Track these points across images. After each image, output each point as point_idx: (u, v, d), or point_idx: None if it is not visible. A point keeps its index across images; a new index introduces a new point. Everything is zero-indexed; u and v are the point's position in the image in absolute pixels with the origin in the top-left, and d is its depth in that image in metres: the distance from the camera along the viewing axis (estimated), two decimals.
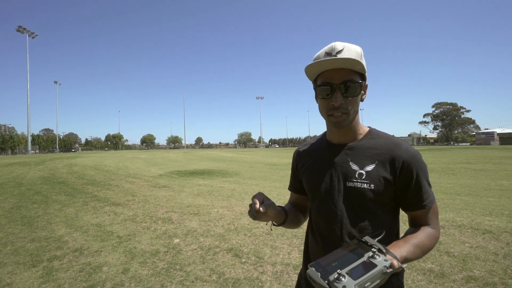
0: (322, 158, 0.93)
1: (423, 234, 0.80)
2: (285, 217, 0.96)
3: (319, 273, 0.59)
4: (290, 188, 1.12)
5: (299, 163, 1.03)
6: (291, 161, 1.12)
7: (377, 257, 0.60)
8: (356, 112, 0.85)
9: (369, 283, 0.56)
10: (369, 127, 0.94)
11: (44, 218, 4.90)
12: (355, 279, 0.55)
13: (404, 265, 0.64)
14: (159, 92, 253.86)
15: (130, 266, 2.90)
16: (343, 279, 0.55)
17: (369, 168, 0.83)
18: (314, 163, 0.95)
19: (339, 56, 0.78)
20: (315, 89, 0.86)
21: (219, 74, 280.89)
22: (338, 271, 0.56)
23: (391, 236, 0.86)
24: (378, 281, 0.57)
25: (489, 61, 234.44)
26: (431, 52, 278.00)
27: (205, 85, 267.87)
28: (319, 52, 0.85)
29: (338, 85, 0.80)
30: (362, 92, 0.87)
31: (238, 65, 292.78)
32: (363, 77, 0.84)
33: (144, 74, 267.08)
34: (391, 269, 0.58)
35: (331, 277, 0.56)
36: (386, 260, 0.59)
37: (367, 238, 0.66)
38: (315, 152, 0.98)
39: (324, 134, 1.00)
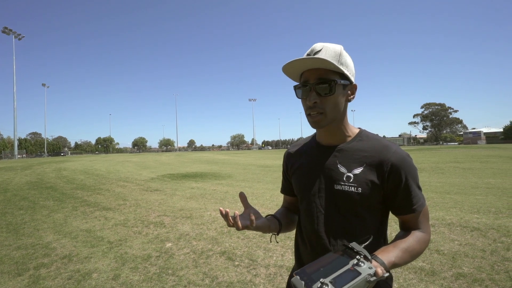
0: (311, 160, 0.93)
1: (413, 239, 0.79)
2: (279, 225, 0.94)
3: (303, 282, 0.59)
4: (282, 191, 1.11)
5: (289, 165, 1.02)
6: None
7: (362, 264, 0.60)
8: (338, 112, 0.83)
9: None
10: (359, 128, 0.93)
11: (31, 224, 4.76)
12: None
13: (386, 274, 0.64)
14: (150, 95, 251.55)
15: (121, 272, 2.84)
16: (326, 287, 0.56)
17: (357, 171, 0.82)
18: (303, 165, 0.95)
19: (315, 56, 0.79)
20: (295, 90, 0.87)
21: (211, 76, 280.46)
22: (321, 280, 0.57)
23: (379, 240, 0.85)
24: None
25: (477, 61, 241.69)
26: (420, 52, 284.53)
27: (197, 87, 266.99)
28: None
29: (313, 84, 0.80)
30: (349, 92, 0.86)
31: (231, 67, 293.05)
32: (343, 76, 0.82)
33: (135, 77, 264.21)
34: (374, 277, 0.59)
35: (314, 286, 0.57)
36: (370, 268, 0.59)
37: (353, 245, 0.66)
38: (305, 153, 0.97)
39: (314, 135, 0.99)
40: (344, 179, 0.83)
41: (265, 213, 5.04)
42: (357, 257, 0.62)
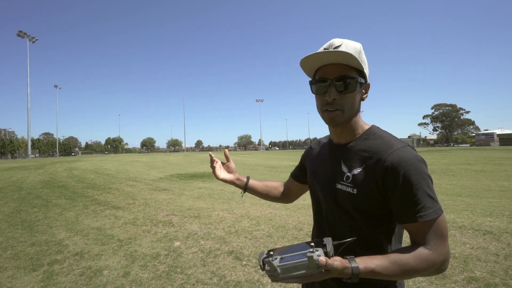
0: (322, 157, 0.95)
1: (411, 253, 0.68)
2: (245, 183, 1.16)
3: (265, 255, 0.69)
4: (291, 174, 1.18)
5: (307, 159, 1.06)
6: (291, 163, 1.19)
7: (315, 252, 0.64)
8: (353, 110, 0.81)
9: (294, 268, 0.64)
10: (371, 125, 0.88)
11: (44, 222, 4.89)
12: (282, 263, 0.65)
13: (356, 279, 0.66)
14: (159, 95, 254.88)
15: (130, 269, 2.90)
16: (274, 261, 0.65)
17: (356, 171, 0.80)
18: (316, 161, 0.98)
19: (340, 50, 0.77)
20: (311, 85, 0.84)
21: (219, 77, 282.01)
22: (271, 253, 0.68)
23: (376, 249, 0.78)
24: (304, 271, 0.63)
25: (489, 62, 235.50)
26: (430, 53, 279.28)
27: (204, 88, 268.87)
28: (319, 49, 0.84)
29: (333, 80, 0.77)
30: (363, 91, 0.85)
31: (238, 68, 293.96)
32: (361, 74, 0.81)
33: (144, 77, 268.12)
34: (310, 261, 0.62)
35: (267, 258, 0.66)
36: (318, 256, 0.63)
37: (326, 239, 0.68)
38: (321, 150, 0.99)
39: None
40: (344, 178, 0.82)
41: (272, 213, 5.05)
42: (312, 244, 0.67)
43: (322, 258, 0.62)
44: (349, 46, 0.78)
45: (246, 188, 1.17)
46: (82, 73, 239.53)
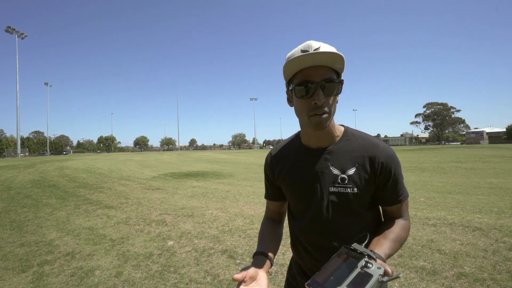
0: (301, 164, 0.90)
1: (399, 228, 0.84)
2: (270, 262, 0.85)
3: None
4: (266, 197, 1.04)
5: (276, 169, 0.97)
6: None
7: (370, 265, 0.61)
8: (334, 113, 0.83)
9: None
10: (342, 125, 0.91)
11: (34, 222, 4.80)
12: None
13: (401, 274, 0.63)
14: (152, 94, 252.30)
15: (123, 269, 2.87)
16: None
17: (351, 172, 0.83)
18: (293, 169, 0.91)
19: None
20: (292, 89, 0.80)
21: (213, 75, 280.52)
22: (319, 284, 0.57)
23: (373, 233, 0.87)
24: None
25: (478, 61, 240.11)
26: (422, 52, 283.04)
27: (198, 87, 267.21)
28: (293, 50, 0.81)
29: (320, 83, 0.75)
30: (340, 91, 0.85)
31: (232, 66, 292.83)
32: (339, 75, 0.80)
33: (137, 76, 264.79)
34: (386, 277, 0.59)
35: None
36: (379, 268, 0.60)
37: (355, 246, 0.66)
38: (291, 156, 0.93)
39: (297, 136, 0.95)
40: (339, 180, 0.83)
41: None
42: (365, 259, 0.62)
43: (389, 269, 0.61)
44: (328, 48, 0.77)
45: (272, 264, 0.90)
46: (73, 71, 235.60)
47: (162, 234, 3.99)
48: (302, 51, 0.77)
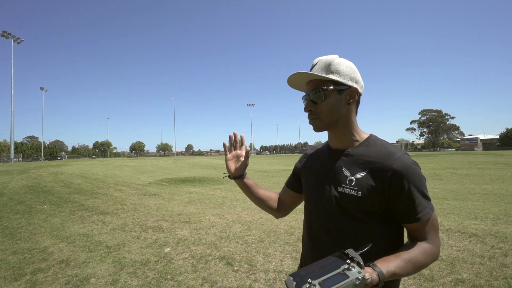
0: (321, 163, 0.98)
1: (418, 250, 0.78)
2: (244, 175, 1.11)
3: (295, 282, 0.63)
4: (286, 183, 1.18)
5: (303, 165, 1.07)
6: (282, 167, 1.19)
7: (352, 269, 0.62)
8: (334, 116, 0.88)
9: None
10: (370, 134, 0.94)
11: (27, 229, 4.71)
12: None
13: (377, 282, 0.65)
14: (148, 99, 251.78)
15: (119, 277, 2.82)
16: None
17: (360, 175, 0.84)
18: (314, 167, 1.00)
19: (312, 70, 0.90)
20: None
21: (210, 81, 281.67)
22: (309, 280, 0.61)
23: (384, 249, 0.82)
24: None
25: (473, 68, 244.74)
26: (417, 58, 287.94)
27: (195, 92, 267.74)
28: None
29: (310, 95, 0.90)
30: (347, 96, 0.88)
31: (229, 72, 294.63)
32: (338, 83, 0.86)
33: (133, 81, 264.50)
34: (360, 281, 0.60)
35: (303, 287, 0.60)
36: (359, 273, 0.61)
37: (349, 251, 0.68)
38: (318, 156, 1.02)
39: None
40: (347, 182, 0.85)
41: (263, 218, 5.03)
42: (347, 261, 0.65)
43: (368, 275, 0.62)
44: (321, 62, 0.89)
45: (243, 176, 1.12)
46: (69, 76, 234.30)
47: (159, 240, 3.95)
48: (313, 65, 0.93)
